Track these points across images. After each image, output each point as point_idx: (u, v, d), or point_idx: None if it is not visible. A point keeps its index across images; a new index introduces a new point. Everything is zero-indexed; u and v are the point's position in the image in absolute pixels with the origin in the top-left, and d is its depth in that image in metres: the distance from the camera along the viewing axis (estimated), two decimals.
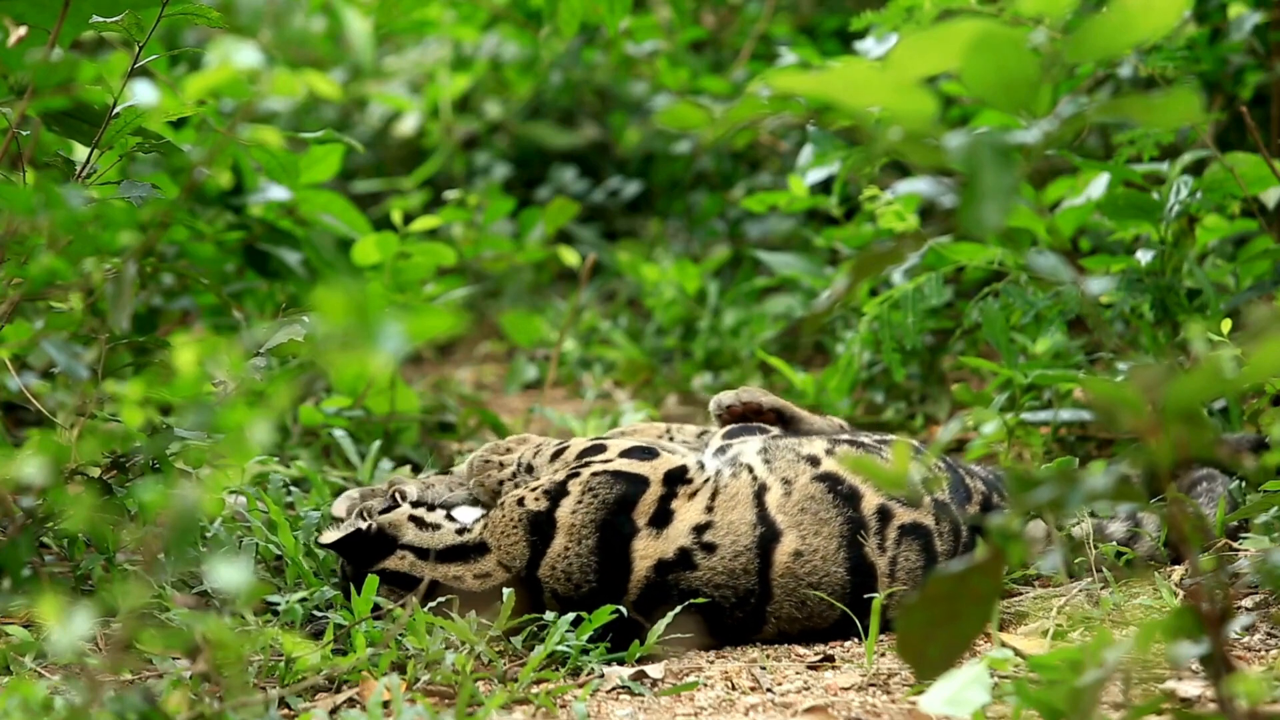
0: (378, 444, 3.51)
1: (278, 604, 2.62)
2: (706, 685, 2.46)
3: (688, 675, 2.50)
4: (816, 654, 2.59)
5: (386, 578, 2.65)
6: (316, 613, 2.63)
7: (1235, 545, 2.75)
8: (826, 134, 3.76)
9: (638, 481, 2.65)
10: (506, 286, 5.26)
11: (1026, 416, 3.22)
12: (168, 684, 2.21)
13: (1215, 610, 1.77)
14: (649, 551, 2.60)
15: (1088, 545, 2.76)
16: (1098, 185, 3.30)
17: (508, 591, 2.53)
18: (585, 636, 2.51)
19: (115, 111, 2.56)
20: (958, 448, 3.44)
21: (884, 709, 2.33)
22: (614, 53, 5.16)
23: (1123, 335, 3.50)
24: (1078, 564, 2.80)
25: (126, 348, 2.69)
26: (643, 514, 2.63)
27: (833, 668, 2.53)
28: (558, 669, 2.49)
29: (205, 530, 2.74)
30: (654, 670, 2.50)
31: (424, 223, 3.77)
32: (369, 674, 2.39)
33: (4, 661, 2.42)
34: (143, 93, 2.18)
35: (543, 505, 2.64)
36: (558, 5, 3.52)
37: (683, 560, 2.60)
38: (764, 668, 2.52)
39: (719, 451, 2.79)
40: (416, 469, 3.49)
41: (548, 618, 2.55)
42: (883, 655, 2.52)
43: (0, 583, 2.28)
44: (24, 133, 2.55)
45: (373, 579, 2.57)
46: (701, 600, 2.59)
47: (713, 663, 2.56)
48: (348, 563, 2.70)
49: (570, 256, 4.38)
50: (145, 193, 2.53)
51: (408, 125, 5.56)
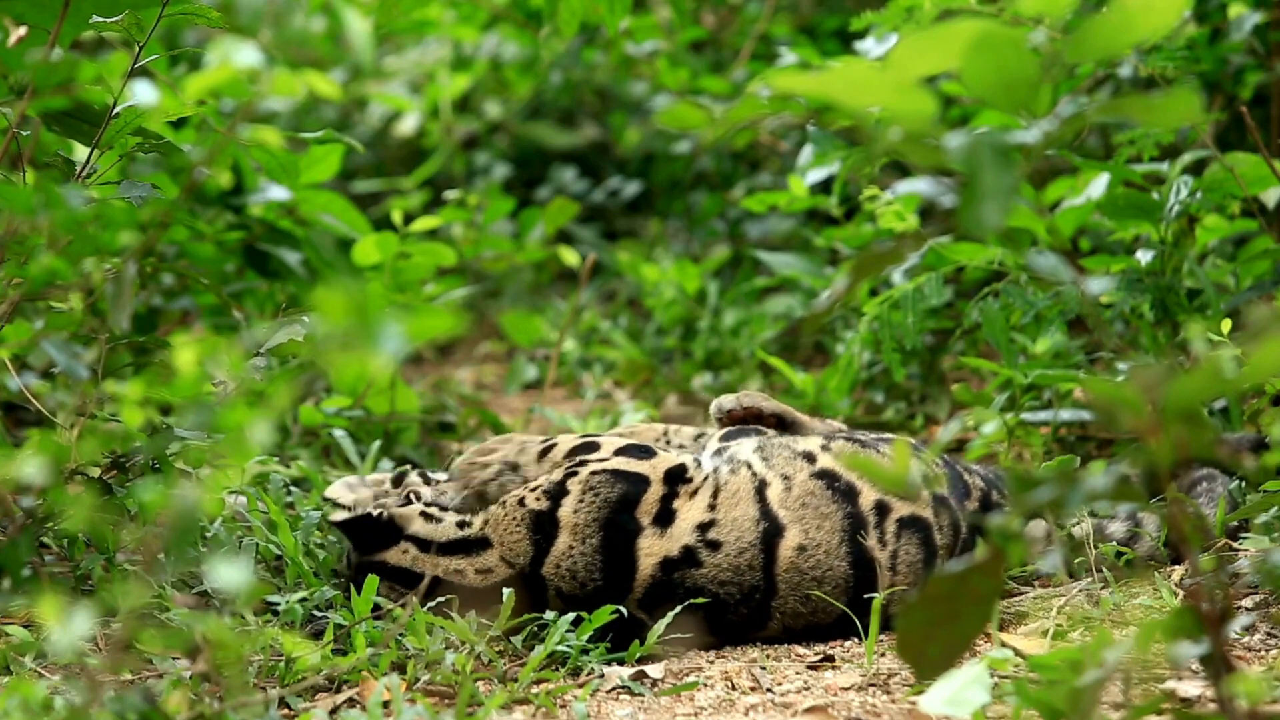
0: (378, 444, 3.51)
1: (278, 604, 2.62)
2: (706, 685, 2.46)
3: (688, 675, 2.50)
4: (816, 654, 2.59)
5: (388, 573, 2.66)
6: (316, 613, 2.63)
7: (1235, 545, 2.75)
8: (826, 134, 3.76)
9: (638, 480, 2.65)
10: (506, 286, 5.26)
11: (1026, 416, 3.23)
12: (168, 684, 2.21)
13: (1215, 610, 1.77)
14: (654, 550, 2.60)
15: (1088, 545, 2.77)
16: (1098, 185, 3.30)
17: (508, 591, 2.53)
18: (585, 636, 2.51)
19: (115, 111, 2.56)
20: (958, 448, 3.44)
21: (884, 709, 2.33)
22: (614, 53, 5.16)
23: (1123, 335, 3.50)
24: (1078, 564, 2.80)
25: (126, 348, 2.69)
26: (646, 513, 2.63)
27: (833, 668, 2.53)
28: (558, 669, 2.49)
29: (205, 530, 2.74)
30: (654, 670, 2.50)
31: (424, 223, 3.77)
32: (369, 674, 2.39)
33: (4, 661, 2.42)
34: (143, 93, 2.18)
35: (544, 505, 2.64)
36: (558, 5, 3.52)
37: (688, 558, 2.60)
38: (764, 668, 2.52)
39: (716, 453, 2.80)
40: (417, 469, 3.48)
41: (548, 617, 2.55)
42: (883, 655, 2.52)
43: (0, 583, 2.28)
44: (24, 133, 2.55)
45: (373, 579, 2.57)
46: (703, 600, 2.59)
47: (713, 663, 2.56)
48: (353, 547, 2.71)
49: (570, 256, 4.38)
50: (145, 193, 2.53)
51: (408, 125, 5.56)
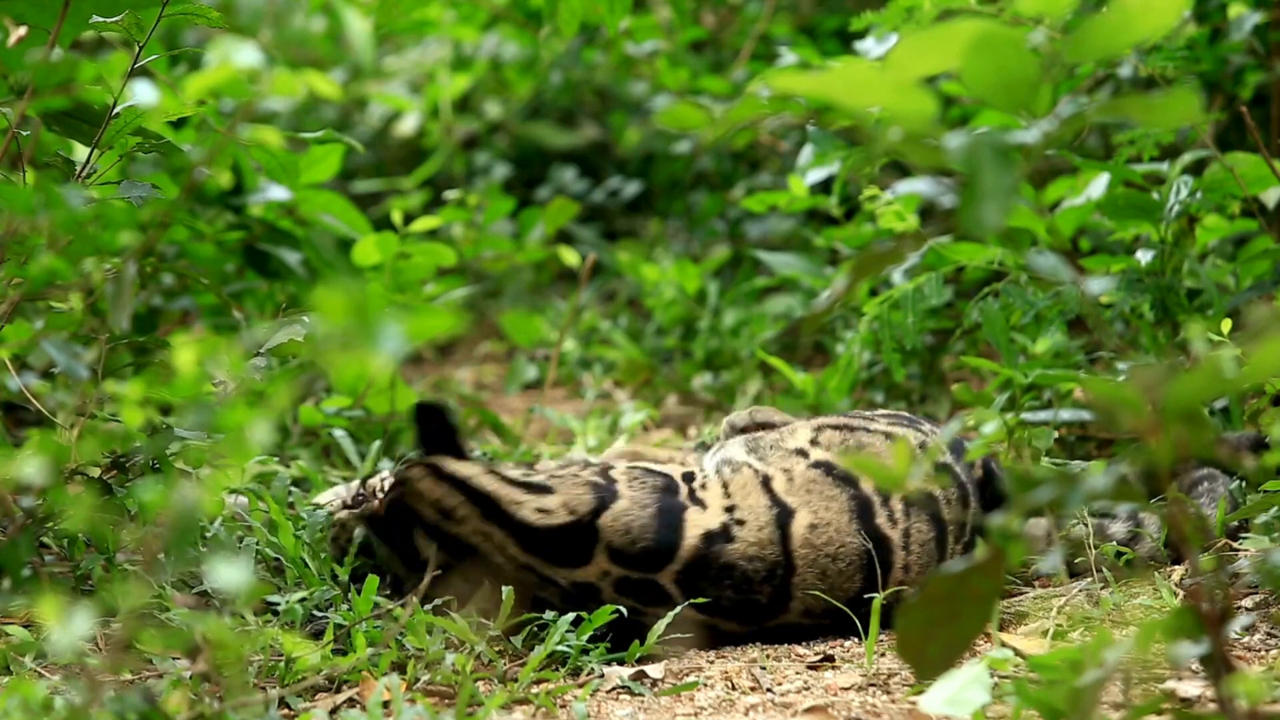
0: (378, 444, 3.51)
1: (278, 604, 2.62)
2: (706, 685, 2.46)
3: (688, 675, 2.50)
4: (816, 654, 2.59)
5: (444, 477, 2.71)
6: (316, 613, 2.63)
7: (1235, 545, 2.75)
8: (826, 134, 3.76)
9: (666, 475, 2.74)
10: (506, 286, 5.26)
11: (1026, 416, 3.22)
12: (168, 684, 2.21)
13: (1215, 610, 1.77)
14: (698, 521, 2.65)
15: (1088, 545, 2.77)
16: (1098, 185, 3.31)
17: (506, 590, 2.53)
18: (585, 636, 2.51)
19: (115, 111, 2.56)
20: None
21: (884, 709, 2.33)
22: (614, 53, 5.16)
23: (1123, 335, 3.50)
24: (1078, 564, 2.80)
25: (126, 348, 2.69)
26: (684, 498, 2.70)
27: (833, 668, 2.53)
28: (558, 669, 2.49)
29: (205, 530, 2.74)
30: (654, 670, 2.50)
31: (424, 223, 3.77)
32: (369, 674, 2.39)
33: (4, 661, 2.42)
34: (143, 93, 2.18)
35: (602, 480, 2.71)
36: (558, 5, 3.52)
37: (724, 532, 2.64)
38: (764, 668, 2.52)
39: (710, 457, 2.89)
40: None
41: (547, 617, 2.55)
42: (883, 655, 2.52)
43: (0, 583, 2.28)
44: (24, 133, 2.55)
45: (372, 579, 2.57)
46: (703, 600, 2.59)
47: (713, 663, 2.56)
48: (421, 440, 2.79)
49: (570, 256, 4.38)
50: (145, 193, 2.53)
51: (408, 125, 5.56)
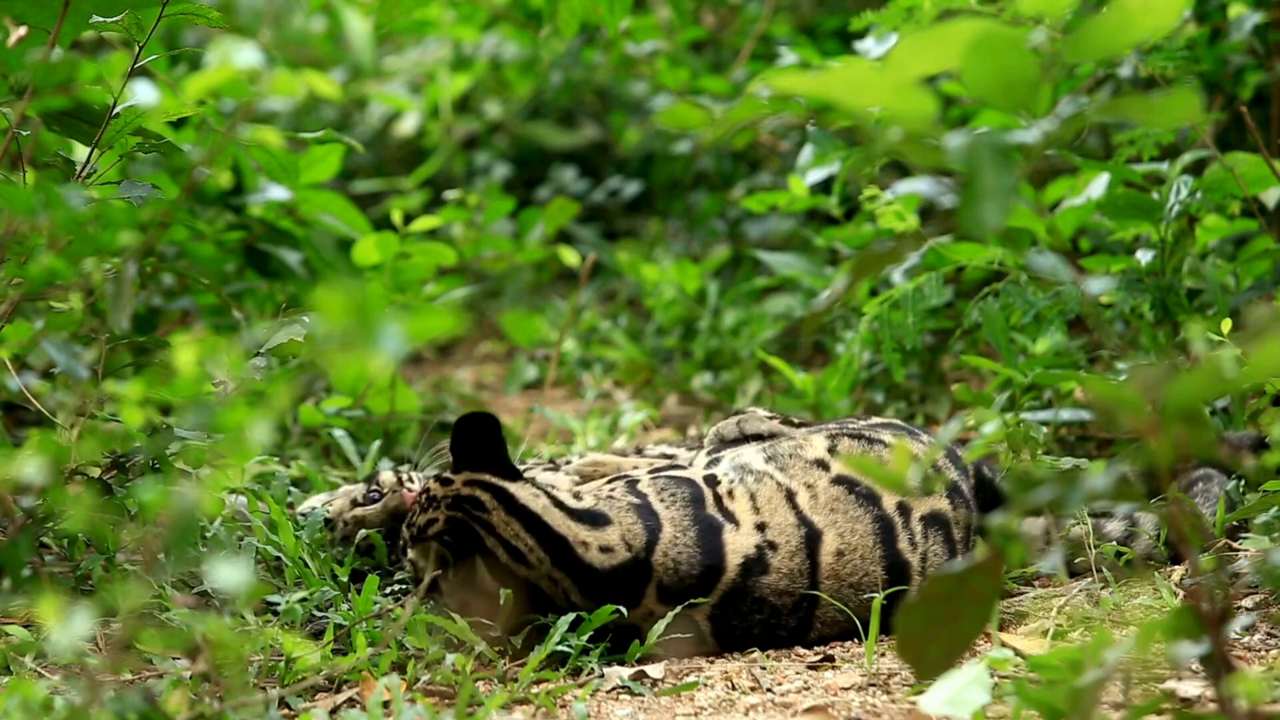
0: (378, 444, 3.51)
1: (278, 604, 2.62)
2: (706, 685, 2.46)
3: (688, 675, 2.50)
4: (816, 654, 2.59)
5: (514, 508, 2.58)
6: (316, 613, 2.63)
7: (1235, 545, 2.75)
8: (826, 134, 3.76)
9: (690, 483, 2.67)
10: (506, 286, 5.26)
11: (1027, 416, 3.22)
12: (168, 684, 2.21)
13: (1215, 610, 1.77)
14: (736, 545, 2.59)
15: (1088, 545, 2.77)
16: (1098, 185, 3.31)
17: (505, 592, 2.53)
18: (585, 636, 2.51)
19: (115, 111, 2.56)
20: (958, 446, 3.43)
21: (884, 709, 2.33)
22: (614, 53, 5.16)
23: (1123, 335, 3.50)
24: (1078, 564, 2.80)
25: (126, 348, 2.70)
26: (713, 509, 2.63)
27: (833, 668, 2.53)
28: (558, 669, 2.49)
29: (205, 530, 2.74)
30: (654, 670, 2.50)
31: (424, 223, 3.77)
32: (369, 674, 2.39)
33: (4, 661, 2.42)
34: (143, 93, 2.18)
35: (636, 499, 2.63)
36: (558, 5, 3.53)
37: (759, 560, 2.58)
38: (764, 668, 2.52)
39: (714, 461, 2.80)
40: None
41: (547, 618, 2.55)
42: (883, 655, 2.52)
43: (0, 583, 2.28)
44: (24, 133, 2.55)
45: (372, 579, 2.57)
46: (702, 601, 2.59)
47: (713, 663, 2.56)
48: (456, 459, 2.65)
49: (570, 256, 4.38)
50: (145, 193, 2.53)
51: (408, 125, 5.56)
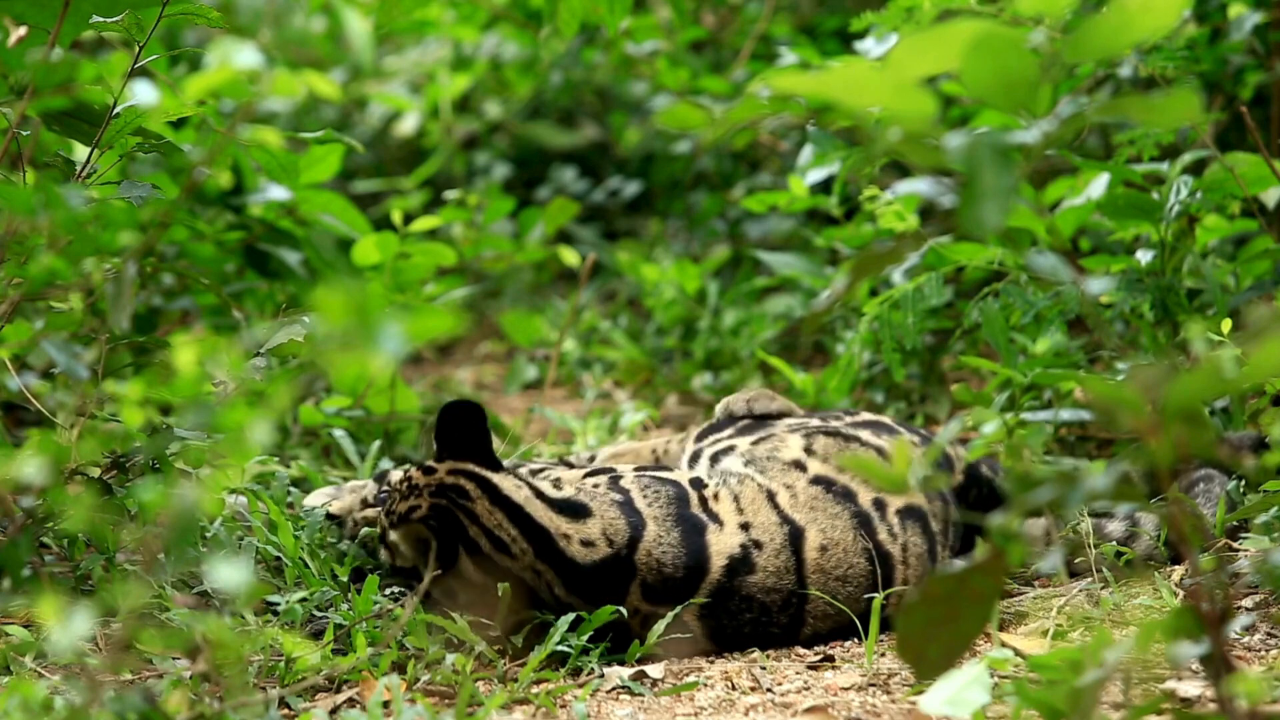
0: (378, 444, 3.51)
1: (278, 604, 2.62)
2: (706, 685, 2.46)
3: (688, 675, 2.50)
4: (816, 654, 2.59)
5: (499, 499, 2.59)
6: (316, 613, 2.63)
7: (1235, 545, 2.74)
8: (826, 134, 3.76)
9: (674, 483, 2.69)
10: (506, 286, 5.26)
11: (1027, 416, 3.22)
12: (168, 684, 2.21)
13: (1215, 610, 1.77)
14: (720, 546, 2.60)
15: (1088, 545, 2.77)
16: (1098, 185, 3.30)
17: (503, 586, 2.53)
18: (585, 636, 2.51)
19: (115, 111, 2.56)
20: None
21: (884, 709, 2.33)
22: (614, 53, 5.16)
23: (1123, 335, 3.50)
24: (1078, 564, 2.80)
25: (126, 348, 2.69)
26: (697, 509, 2.65)
27: (833, 668, 2.53)
28: (558, 669, 2.49)
29: (205, 530, 2.74)
30: (654, 670, 2.50)
31: (424, 223, 3.77)
32: (369, 674, 2.39)
33: (4, 661, 2.42)
34: (143, 93, 2.18)
35: (619, 495, 2.64)
36: (558, 5, 3.52)
37: (744, 560, 2.59)
38: (764, 668, 2.52)
39: (694, 459, 2.84)
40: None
41: (548, 616, 2.55)
42: (883, 655, 2.52)
43: (0, 583, 2.28)
44: (24, 133, 2.55)
45: (372, 579, 2.57)
46: (701, 600, 2.59)
47: (713, 663, 2.56)
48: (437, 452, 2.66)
49: (570, 256, 4.38)
50: (145, 193, 2.53)
51: (408, 125, 5.56)
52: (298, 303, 3.61)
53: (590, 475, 2.75)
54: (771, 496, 2.68)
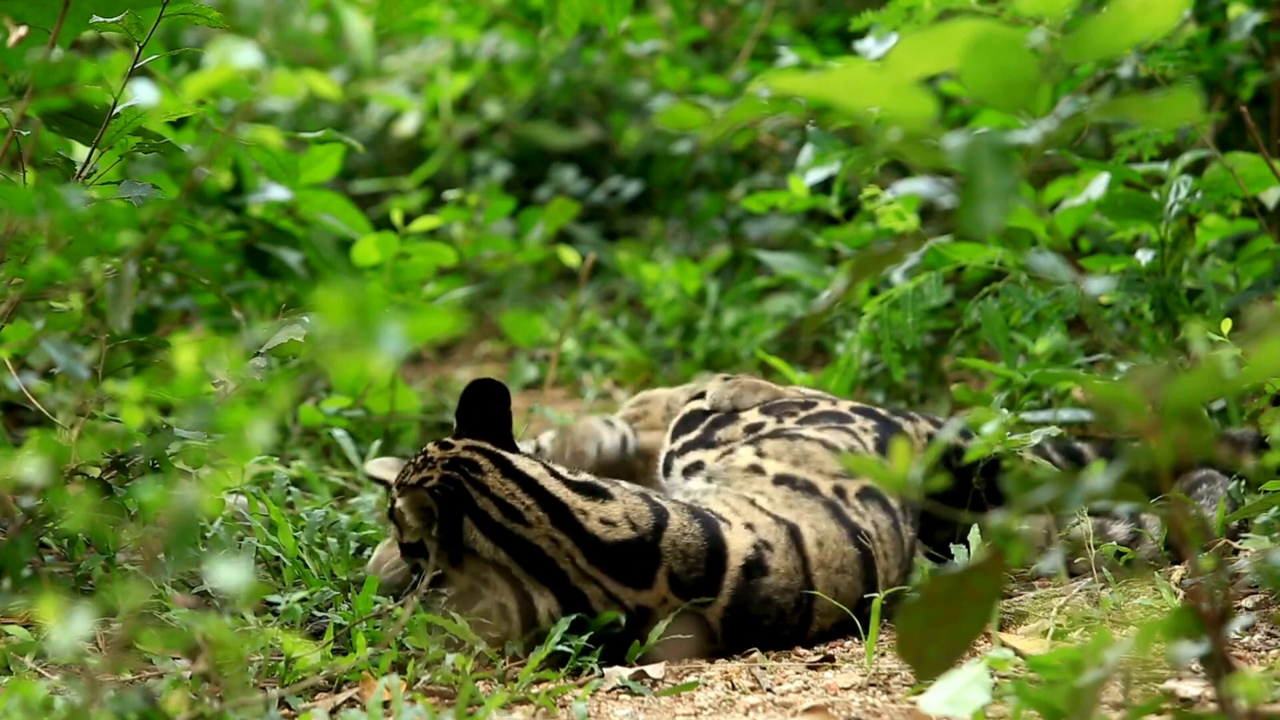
0: (378, 444, 3.51)
1: (278, 604, 2.62)
2: (706, 685, 2.46)
3: (688, 675, 2.50)
4: (816, 654, 2.59)
5: (512, 473, 2.58)
6: (316, 613, 2.63)
7: (1235, 545, 2.74)
8: (826, 134, 3.76)
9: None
10: (506, 286, 5.26)
11: (1027, 416, 3.23)
12: (168, 684, 2.21)
13: (1215, 610, 1.77)
14: (736, 545, 2.58)
15: (1087, 545, 2.77)
16: (1098, 185, 3.30)
17: (506, 592, 2.53)
18: (586, 636, 2.51)
19: (115, 111, 2.56)
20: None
21: (884, 709, 2.33)
22: (614, 53, 5.16)
23: (1123, 335, 3.50)
24: (1078, 564, 2.80)
25: (126, 348, 2.69)
26: (704, 508, 2.66)
27: (833, 668, 2.53)
28: (558, 669, 2.49)
29: (205, 530, 2.74)
30: (654, 670, 2.50)
31: (424, 223, 3.77)
32: (369, 674, 2.39)
33: (4, 661, 2.42)
34: (143, 93, 2.18)
35: (635, 488, 2.66)
36: (558, 5, 3.52)
37: (759, 561, 2.58)
38: (764, 668, 2.52)
39: (667, 469, 2.87)
40: None
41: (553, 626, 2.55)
42: (883, 655, 2.52)
43: (0, 583, 2.28)
44: (24, 133, 2.55)
45: (373, 579, 2.57)
46: (702, 602, 2.59)
47: (713, 663, 2.56)
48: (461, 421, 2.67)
49: (570, 256, 4.38)
50: (145, 193, 2.53)
51: (408, 125, 5.56)
52: (298, 303, 3.61)
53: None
54: (754, 500, 2.67)
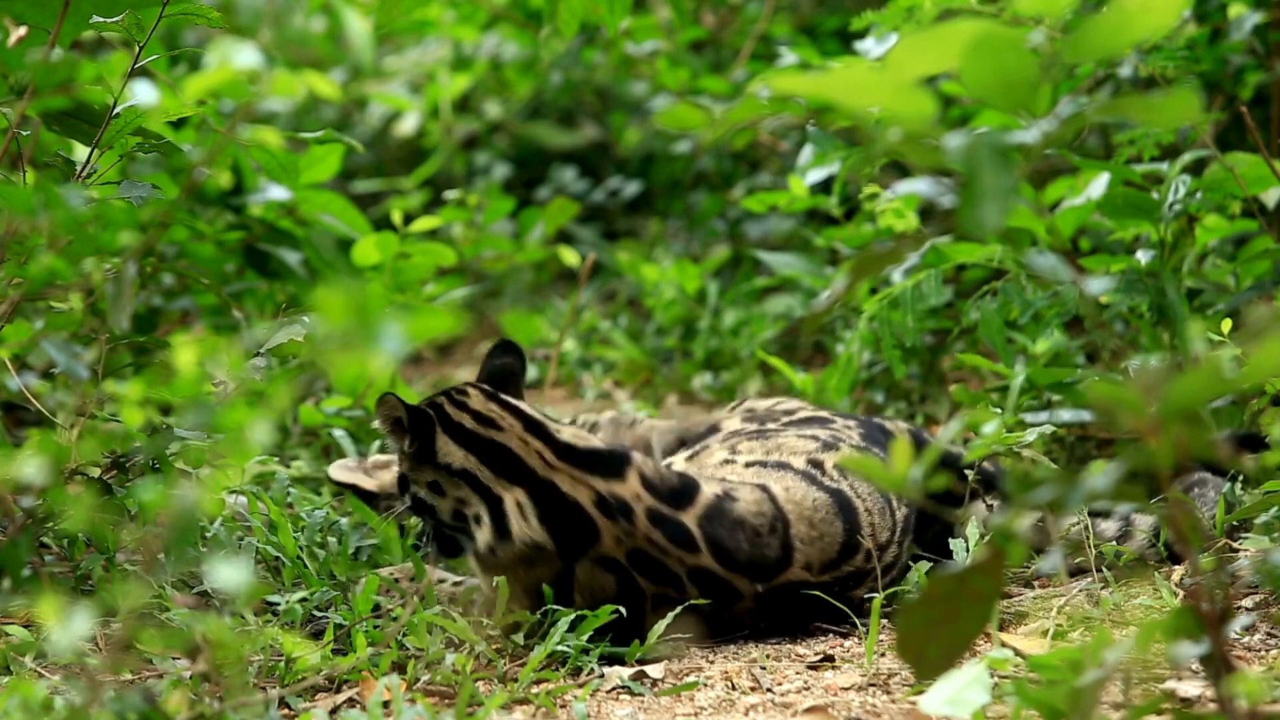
0: (378, 444, 3.50)
1: (278, 604, 2.62)
2: (706, 685, 2.46)
3: (688, 675, 2.50)
4: (816, 654, 2.59)
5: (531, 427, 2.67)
6: (316, 613, 2.63)
7: (1235, 545, 2.75)
8: (826, 134, 3.76)
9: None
10: (506, 286, 5.26)
11: (1026, 417, 3.23)
12: (168, 684, 2.21)
13: (1215, 610, 1.77)
14: (706, 489, 2.67)
15: (1087, 545, 2.77)
16: (1098, 185, 3.30)
17: (499, 580, 2.53)
18: (585, 636, 2.51)
19: (115, 111, 2.56)
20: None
21: (884, 709, 2.33)
22: (614, 53, 5.16)
23: (1123, 335, 3.50)
24: (1077, 563, 2.80)
25: (126, 348, 2.69)
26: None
27: (833, 668, 2.53)
28: (558, 669, 2.49)
29: (205, 530, 2.74)
30: (654, 670, 2.50)
31: (424, 223, 3.77)
32: (369, 674, 2.39)
33: (4, 661, 2.42)
34: (143, 93, 2.18)
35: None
36: (558, 5, 3.52)
37: (727, 496, 2.67)
38: (764, 668, 2.52)
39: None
40: None
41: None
42: (883, 655, 2.52)
43: (0, 583, 2.28)
44: (24, 133, 2.55)
45: (373, 579, 2.57)
46: (702, 601, 2.60)
47: (712, 663, 2.57)
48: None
49: (570, 256, 4.38)
50: (145, 193, 2.53)
51: (408, 125, 5.56)
52: (298, 303, 3.61)
53: None
54: (722, 479, 2.76)
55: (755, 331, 4.35)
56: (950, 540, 2.74)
